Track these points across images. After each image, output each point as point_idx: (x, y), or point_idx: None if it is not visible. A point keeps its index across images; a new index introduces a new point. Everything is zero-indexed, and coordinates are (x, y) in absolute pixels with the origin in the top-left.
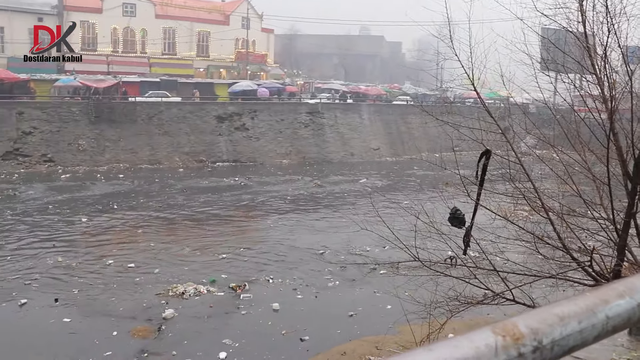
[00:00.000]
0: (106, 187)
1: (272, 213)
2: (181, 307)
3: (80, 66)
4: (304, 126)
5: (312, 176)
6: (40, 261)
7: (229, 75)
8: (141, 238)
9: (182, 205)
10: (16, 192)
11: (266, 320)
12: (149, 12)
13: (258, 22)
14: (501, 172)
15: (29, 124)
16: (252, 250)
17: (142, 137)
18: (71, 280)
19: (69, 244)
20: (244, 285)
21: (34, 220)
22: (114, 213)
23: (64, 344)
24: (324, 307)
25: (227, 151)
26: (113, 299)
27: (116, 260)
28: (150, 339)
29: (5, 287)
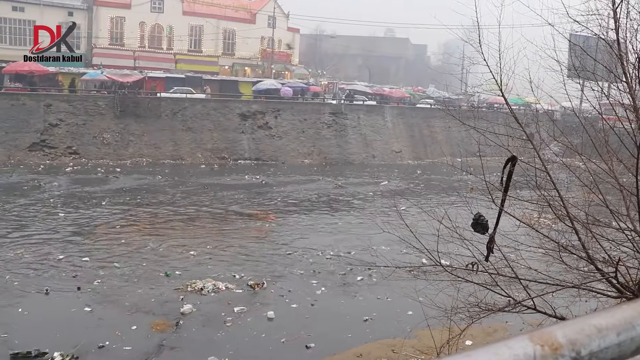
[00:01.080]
0: (129, 181)
1: (292, 212)
2: (199, 302)
3: (107, 60)
4: (326, 126)
5: (333, 177)
6: (63, 251)
7: (253, 74)
8: (162, 232)
9: (203, 202)
10: (41, 182)
11: (283, 322)
12: (177, 9)
13: (284, 22)
14: (526, 179)
15: (56, 117)
16: (271, 249)
17: (166, 133)
18: (94, 271)
19: (91, 235)
20: (262, 283)
21: (57, 211)
22: (136, 207)
23: (85, 333)
24: (342, 310)
25: (249, 149)
26: (134, 291)
27: (138, 254)
28: (168, 332)
29: (30, 275)
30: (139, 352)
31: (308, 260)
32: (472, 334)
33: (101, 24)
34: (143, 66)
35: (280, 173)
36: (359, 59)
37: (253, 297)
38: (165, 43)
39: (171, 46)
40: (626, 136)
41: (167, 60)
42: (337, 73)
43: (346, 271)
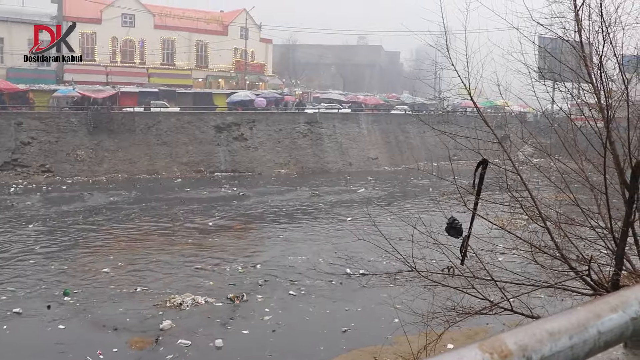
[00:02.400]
0: (104, 198)
1: (269, 223)
2: (178, 317)
3: (78, 76)
4: (302, 136)
5: (310, 186)
6: (37, 270)
7: (227, 85)
8: (139, 248)
9: (180, 216)
10: (14, 202)
11: (262, 335)
12: (148, 23)
13: (257, 33)
14: (499, 181)
15: (28, 134)
16: (250, 261)
17: (141, 147)
18: (68, 288)
19: (65, 253)
20: (242, 295)
21: (30, 230)
22: (112, 223)
23: (60, 353)
24: (318, 321)
25: (225, 161)
26: (111, 308)
27: (114, 270)
28: (147, 349)
29: (5, 295)
30: None
31: (287, 271)
32: (452, 337)
33: (72, 39)
34: (116, 81)
35: (257, 184)
36: (332, 67)
37: (233, 310)
38: (137, 57)
39: (144, 60)
40: (594, 136)
41: (140, 75)
42: (311, 82)
43: (325, 281)
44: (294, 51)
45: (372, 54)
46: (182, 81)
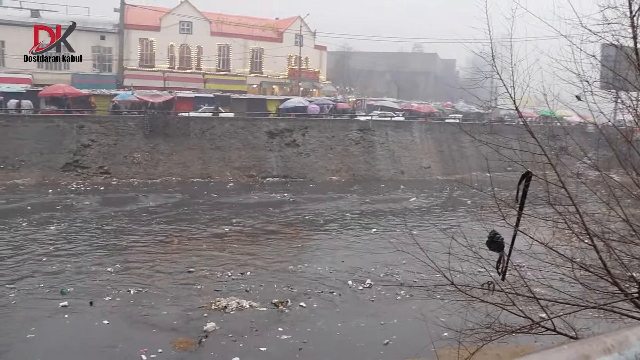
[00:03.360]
0: (158, 200)
1: (318, 230)
2: (223, 320)
3: (137, 82)
4: (354, 143)
5: (361, 194)
6: (89, 267)
7: (281, 92)
8: (188, 250)
9: (231, 220)
10: (73, 202)
11: (304, 342)
12: (205, 30)
13: (311, 40)
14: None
15: (88, 137)
16: (296, 267)
17: (195, 152)
18: (120, 287)
19: (118, 252)
20: (286, 301)
21: (87, 229)
22: (164, 225)
23: (106, 348)
24: (358, 331)
25: (277, 167)
26: (157, 308)
27: (162, 271)
28: (190, 351)
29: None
30: None
31: (330, 279)
32: (498, 354)
33: (132, 46)
34: (172, 86)
35: (308, 190)
36: (387, 74)
37: (277, 316)
38: (194, 63)
39: (200, 66)
40: None
41: (196, 80)
42: (366, 89)
43: (367, 291)
44: (349, 58)
45: (427, 62)
46: (236, 87)
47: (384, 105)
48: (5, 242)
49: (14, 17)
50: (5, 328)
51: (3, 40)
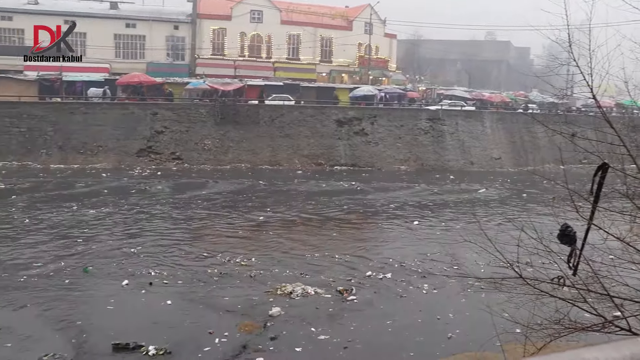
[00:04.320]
0: (228, 186)
1: (385, 219)
2: (288, 305)
3: (209, 70)
4: (423, 132)
5: (429, 184)
6: (154, 250)
7: (350, 80)
8: (256, 236)
9: (298, 207)
10: (147, 186)
11: (367, 330)
12: (275, 19)
13: (381, 28)
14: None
15: (162, 124)
16: (362, 255)
17: (264, 139)
18: (189, 270)
19: (189, 237)
20: (350, 289)
21: (160, 212)
22: (231, 210)
23: (175, 327)
24: (420, 323)
25: (345, 155)
26: (222, 291)
27: (229, 255)
28: (255, 334)
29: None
30: (224, 351)
31: (395, 269)
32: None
33: (204, 35)
34: (243, 75)
35: (375, 179)
36: (458, 63)
37: (341, 304)
38: (264, 52)
39: (270, 55)
40: None
41: (266, 69)
42: (436, 78)
43: (431, 282)
44: (419, 46)
45: (500, 50)
46: (306, 75)
47: (454, 95)
48: (82, 222)
49: (95, 10)
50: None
51: (84, 32)
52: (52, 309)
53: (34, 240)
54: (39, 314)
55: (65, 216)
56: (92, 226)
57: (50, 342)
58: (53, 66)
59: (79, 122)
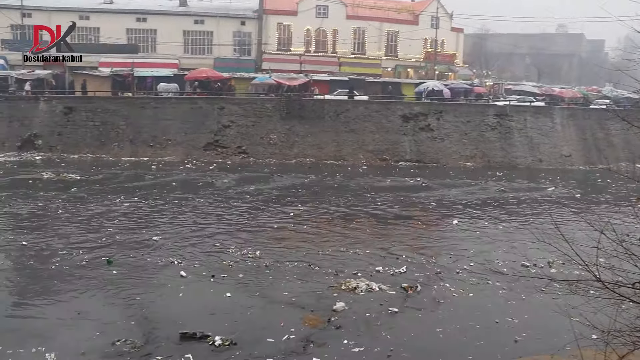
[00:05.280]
0: (292, 180)
1: (450, 216)
2: (352, 301)
3: (275, 65)
4: (490, 129)
5: (496, 181)
6: (216, 242)
7: (416, 75)
8: (319, 230)
9: (363, 202)
10: (213, 179)
11: (431, 329)
12: (341, 14)
13: (448, 22)
14: None
15: (228, 118)
16: (426, 252)
17: (329, 134)
18: (249, 263)
19: (251, 230)
20: (415, 286)
21: (225, 206)
22: (298, 204)
23: (241, 317)
24: (485, 325)
25: (410, 151)
26: (287, 285)
27: (292, 249)
28: (319, 328)
29: (190, 263)
30: (288, 344)
31: (462, 267)
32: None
33: (270, 30)
34: (309, 70)
35: (441, 175)
36: (526, 57)
37: (405, 301)
38: (329, 47)
39: (335, 50)
40: None
41: (332, 64)
42: (503, 73)
43: (497, 282)
44: (486, 40)
45: (571, 43)
46: (371, 70)
47: (522, 90)
48: (150, 213)
49: (165, 7)
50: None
51: (155, 29)
52: (121, 297)
53: (100, 229)
54: (109, 302)
55: (134, 207)
56: (157, 217)
57: (121, 328)
58: (126, 62)
59: (149, 116)
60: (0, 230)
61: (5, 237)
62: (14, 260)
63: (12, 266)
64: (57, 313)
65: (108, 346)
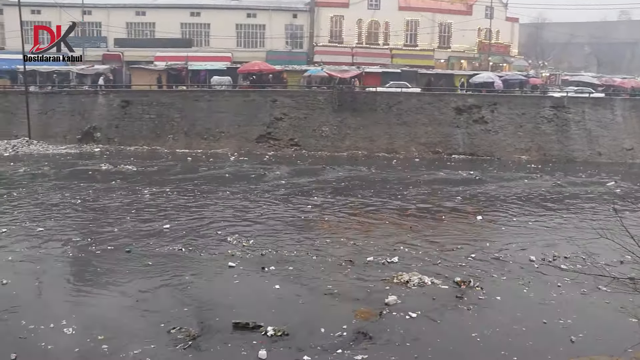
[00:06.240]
0: (344, 172)
1: (504, 210)
2: (404, 294)
3: (327, 57)
4: (546, 121)
5: (552, 175)
6: (272, 234)
7: (469, 66)
8: (372, 223)
9: (415, 195)
10: (266, 171)
11: (484, 327)
12: (393, 5)
13: (502, 11)
14: None
15: (281, 111)
16: (479, 247)
17: (381, 126)
18: (298, 255)
19: (302, 222)
20: (468, 281)
21: (276, 197)
22: (350, 197)
23: (292, 312)
24: (539, 324)
25: (463, 144)
26: (338, 277)
27: (344, 242)
28: (371, 321)
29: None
30: (340, 335)
31: (517, 264)
32: None
33: (321, 23)
34: (360, 62)
35: (495, 169)
36: (585, 46)
37: (458, 296)
38: (381, 39)
39: (387, 41)
40: None
41: (384, 56)
42: (561, 63)
43: (552, 280)
44: (543, 30)
45: (634, 31)
46: (424, 62)
47: (580, 80)
48: (204, 205)
49: (218, 2)
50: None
51: (208, 23)
52: (173, 286)
53: (154, 218)
54: (162, 290)
55: (187, 197)
56: (210, 208)
57: (177, 316)
58: (180, 56)
59: (203, 109)
60: (58, 219)
61: (62, 225)
62: (72, 247)
63: (70, 253)
64: (114, 300)
65: (164, 334)
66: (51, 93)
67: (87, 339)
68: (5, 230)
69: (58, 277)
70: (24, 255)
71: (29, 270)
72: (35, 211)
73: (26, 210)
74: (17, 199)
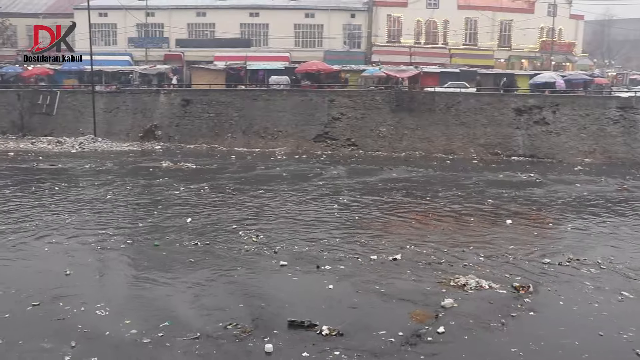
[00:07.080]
0: (402, 173)
1: (565, 215)
2: (460, 298)
3: (385, 57)
4: (612, 122)
5: (619, 179)
6: (327, 233)
7: (531, 66)
8: (430, 225)
9: (473, 198)
10: (323, 171)
11: (543, 335)
12: (452, 4)
13: (566, 9)
14: None
15: (338, 111)
16: (539, 252)
17: (439, 127)
18: (352, 255)
19: (357, 222)
20: (527, 286)
21: (333, 197)
22: (407, 197)
23: (346, 312)
24: (598, 336)
25: (523, 145)
26: (391, 279)
27: (399, 243)
28: (426, 323)
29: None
30: (395, 337)
31: (579, 270)
32: None
33: (379, 23)
34: (418, 62)
35: (556, 171)
36: None
37: (516, 302)
38: (440, 38)
39: (446, 41)
40: None
41: (442, 55)
42: (629, 62)
43: (624, 287)
44: (609, 27)
45: None
46: (483, 62)
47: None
48: (263, 203)
49: (276, 2)
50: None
51: (267, 23)
52: (228, 282)
53: (211, 215)
54: (218, 286)
55: (246, 196)
56: (269, 206)
57: (232, 312)
58: (239, 56)
59: (261, 108)
60: (120, 213)
61: (124, 220)
62: (133, 241)
63: (131, 247)
64: (173, 294)
65: (220, 329)
66: (115, 92)
67: (143, 330)
68: (69, 220)
69: (117, 270)
70: (85, 247)
71: (89, 260)
72: (99, 205)
73: (91, 206)
74: (82, 193)
